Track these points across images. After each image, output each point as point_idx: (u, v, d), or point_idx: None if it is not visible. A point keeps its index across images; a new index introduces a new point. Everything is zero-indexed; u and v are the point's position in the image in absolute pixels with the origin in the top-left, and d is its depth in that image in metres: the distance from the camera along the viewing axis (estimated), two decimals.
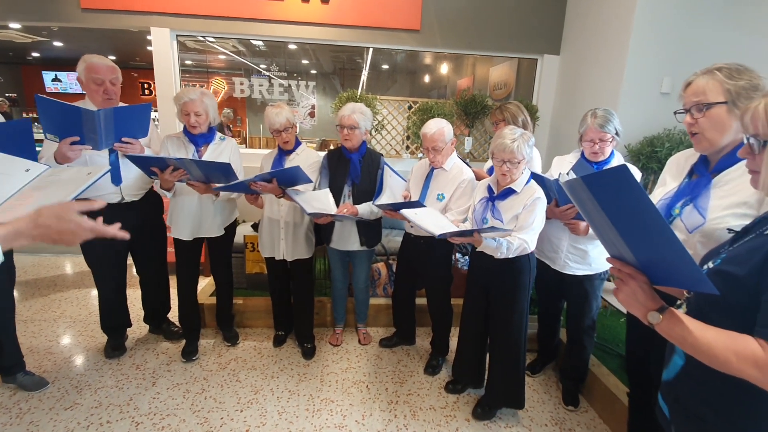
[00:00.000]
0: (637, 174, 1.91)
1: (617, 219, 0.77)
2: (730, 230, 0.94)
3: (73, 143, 1.81)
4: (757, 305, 0.74)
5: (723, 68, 1.12)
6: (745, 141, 0.80)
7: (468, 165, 2.26)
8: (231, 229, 2.46)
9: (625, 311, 1.69)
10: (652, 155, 2.55)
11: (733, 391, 0.80)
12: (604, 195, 0.75)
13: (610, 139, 1.85)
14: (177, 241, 2.33)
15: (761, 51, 2.63)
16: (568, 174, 1.77)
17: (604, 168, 2.02)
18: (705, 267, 0.88)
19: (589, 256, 1.98)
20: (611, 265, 0.90)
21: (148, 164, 2.03)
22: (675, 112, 1.25)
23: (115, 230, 0.94)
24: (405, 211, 1.97)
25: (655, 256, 0.78)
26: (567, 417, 2.14)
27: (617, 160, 1.96)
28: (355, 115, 2.20)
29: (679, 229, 1.24)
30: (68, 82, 10.38)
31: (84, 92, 2.09)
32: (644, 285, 0.83)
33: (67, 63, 9.87)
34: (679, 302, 0.94)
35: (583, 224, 1.88)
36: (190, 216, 2.27)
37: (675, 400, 0.92)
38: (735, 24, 2.69)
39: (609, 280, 2.64)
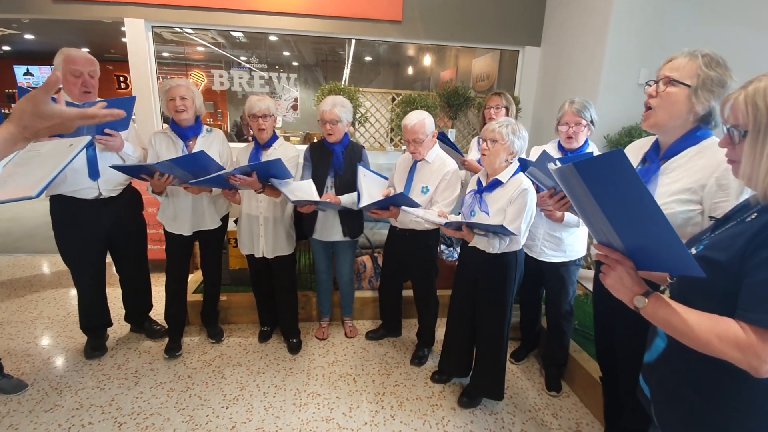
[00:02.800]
0: None
1: (607, 205, 0.77)
2: (711, 217, 0.97)
3: (52, 135, 1.76)
4: (737, 290, 0.76)
5: (707, 55, 1.14)
6: (725, 131, 0.82)
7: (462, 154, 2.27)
8: (224, 221, 2.45)
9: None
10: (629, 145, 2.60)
11: (713, 371, 0.82)
12: (596, 181, 0.75)
13: (585, 125, 1.89)
14: (171, 237, 2.30)
15: (737, 42, 2.69)
16: (531, 170, 1.77)
17: (578, 155, 2.05)
18: None
19: (564, 243, 2.03)
20: (585, 253, 0.92)
21: (137, 172, 2.05)
22: (646, 83, 1.26)
23: (100, 109, 0.90)
24: (409, 210, 1.99)
25: (644, 241, 0.80)
26: (550, 402, 2.19)
27: (591, 149, 2.00)
28: (336, 109, 2.19)
29: None
30: (41, 76, 9.95)
31: (60, 86, 2.03)
32: (631, 270, 0.86)
33: (39, 57, 9.47)
34: (662, 288, 0.96)
35: (558, 213, 1.89)
36: (188, 210, 2.25)
37: (656, 382, 0.95)
38: (711, 15, 2.74)
39: (589, 267, 2.69)
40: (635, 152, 1.43)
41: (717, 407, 0.83)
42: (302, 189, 2.15)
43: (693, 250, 0.89)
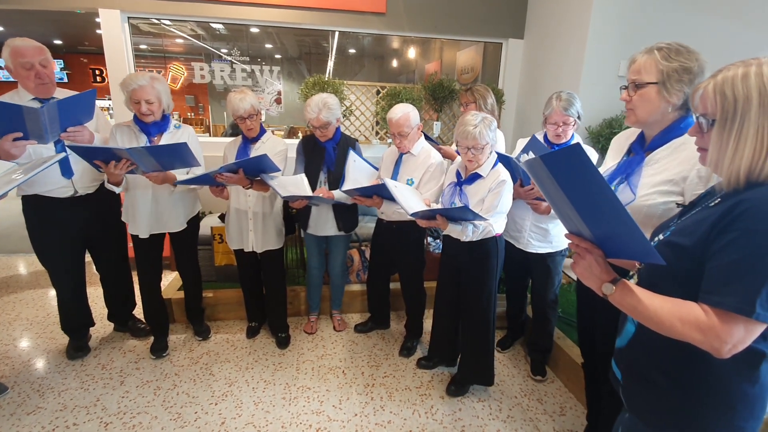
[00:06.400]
0: (594, 155, 2.00)
1: (573, 196, 0.80)
2: (678, 204, 1.00)
3: (16, 139, 1.70)
4: (702, 274, 0.78)
5: (663, 48, 1.16)
6: (695, 120, 0.84)
7: (439, 145, 2.28)
8: (194, 221, 2.38)
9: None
10: (611, 137, 2.66)
11: (680, 355, 0.85)
12: (561, 173, 0.78)
13: (573, 123, 1.92)
14: (135, 238, 2.22)
15: (717, 33, 2.76)
16: (521, 153, 1.82)
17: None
18: (656, 239, 0.93)
19: (551, 235, 2.08)
20: (570, 241, 0.93)
21: (92, 156, 1.87)
22: (621, 88, 1.29)
23: None
24: (388, 181, 1.91)
25: (609, 230, 0.82)
26: (535, 388, 2.24)
27: (576, 141, 2.04)
28: (323, 114, 2.13)
29: None
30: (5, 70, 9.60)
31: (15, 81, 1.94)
32: (599, 258, 0.88)
33: None
34: (631, 273, 0.99)
35: (544, 204, 1.95)
36: (145, 211, 2.14)
37: (627, 366, 0.98)
38: (691, 6, 2.80)
39: (570, 257, 2.75)
40: (621, 143, 1.45)
41: (683, 391, 0.86)
42: (294, 184, 2.13)
43: (661, 236, 0.91)
